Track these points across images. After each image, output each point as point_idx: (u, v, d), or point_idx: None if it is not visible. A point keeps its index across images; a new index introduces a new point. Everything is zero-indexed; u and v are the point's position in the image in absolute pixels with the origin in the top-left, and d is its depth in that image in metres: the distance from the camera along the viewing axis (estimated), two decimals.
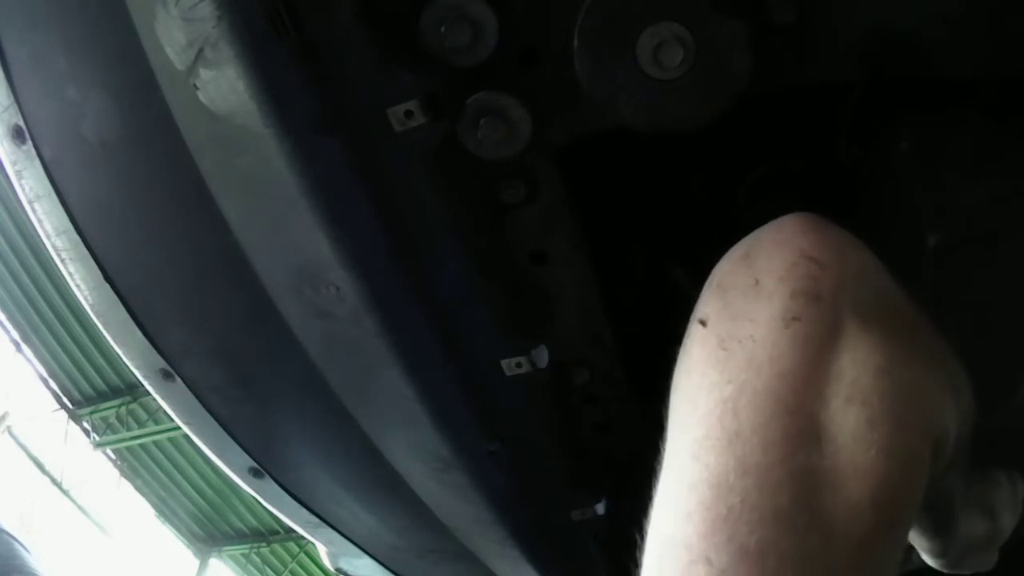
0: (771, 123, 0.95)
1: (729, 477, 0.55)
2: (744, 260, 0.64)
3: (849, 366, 0.57)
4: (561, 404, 1.03)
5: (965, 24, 0.72)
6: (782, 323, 0.58)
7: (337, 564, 1.41)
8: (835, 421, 0.56)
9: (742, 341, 0.59)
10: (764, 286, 0.61)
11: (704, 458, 0.56)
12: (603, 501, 1.16)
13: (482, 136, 0.77)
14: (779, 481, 0.54)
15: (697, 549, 0.54)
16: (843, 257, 0.61)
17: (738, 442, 0.56)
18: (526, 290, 0.90)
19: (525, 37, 0.73)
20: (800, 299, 0.59)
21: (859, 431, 0.55)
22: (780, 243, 0.63)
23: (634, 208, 1.06)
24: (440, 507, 1.15)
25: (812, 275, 0.60)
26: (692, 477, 0.56)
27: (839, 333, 0.58)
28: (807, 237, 0.62)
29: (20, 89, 0.83)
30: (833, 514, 0.54)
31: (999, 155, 0.87)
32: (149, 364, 1.03)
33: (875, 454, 0.55)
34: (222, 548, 13.28)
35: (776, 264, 0.61)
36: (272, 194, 0.78)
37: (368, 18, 0.72)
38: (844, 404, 0.56)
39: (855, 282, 0.60)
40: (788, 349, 0.57)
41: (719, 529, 0.53)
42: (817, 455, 0.55)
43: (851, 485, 0.54)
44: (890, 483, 0.55)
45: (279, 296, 0.88)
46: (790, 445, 0.55)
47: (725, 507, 0.54)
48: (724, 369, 0.59)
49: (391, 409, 0.98)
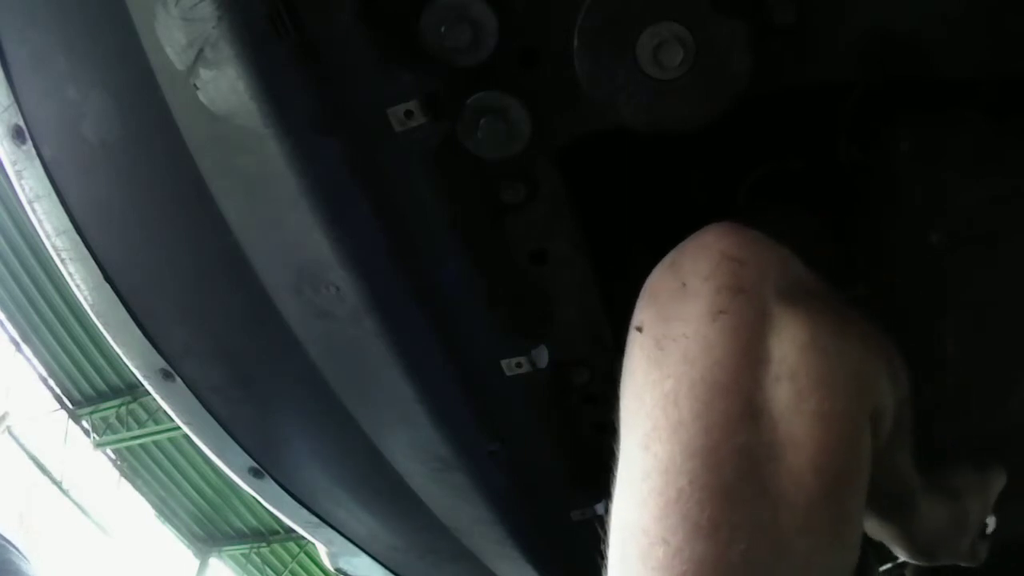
0: (771, 123, 0.95)
1: (677, 461, 0.58)
2: (671, 267, 0.69)
3: (776, 346, 0.61)
4: (561, 404, 1.03)
5: (965, 24, 0.72)
6: (710, 317, 0.62)
7: (337, 564, 1.41)
8: (769, 398, 0.59)
9: (676, 339, 0.63)
10: (691, 287, 0.65)
11: (653, 448, 0.60)
12: (603, 501, 1.16)
13: (482, 136, 0.77)
14: (723, 459, 0.58)
15: (654, 532, 0.57)
16: (760, 253, 0.65)
17: (682, 429, 0.59)
18: (526, 290, 0.90)
19: (525, 37, 0.73)
20: (724, 294, 0.63)
21: (791, 404, 0.59)
22: (702, 247, 0.67)
23: (634, 208, 1.06)
24: (440, 507, 1.15)
25: (733, 271, 0.64)
26: (644, 466, 0.60)
27: (764, 319, 0.62)
28: (726, 240, 0.66)
29: (20, 89, 0.83)
30: (778, 484, 0.57)
31: (999, 155, 0.87)
32: (149, 364, 1.03)
33: (809, 423, 0.58)
34: (222, 548, 13.29)
35: (700, 266, 0.66)
36: (272, 194, 0.78)
37: (368, 18, 0.72)
38: (774, 381, 0.60)
39: (775, 273, 0.64)
40: (718, 339, 0.61)
41: (672, 511, 0.57)
42: (755, 431, 0.59)
43: (790, 455, 0.58)
44: (827, 448, 0.58)
45: (279, 296, 0.88)
46: (730, 425, 0.59)
47: (675, 490, 0.58)
48: (663, 366, 0.63)
49: (391, 409, 0.98)
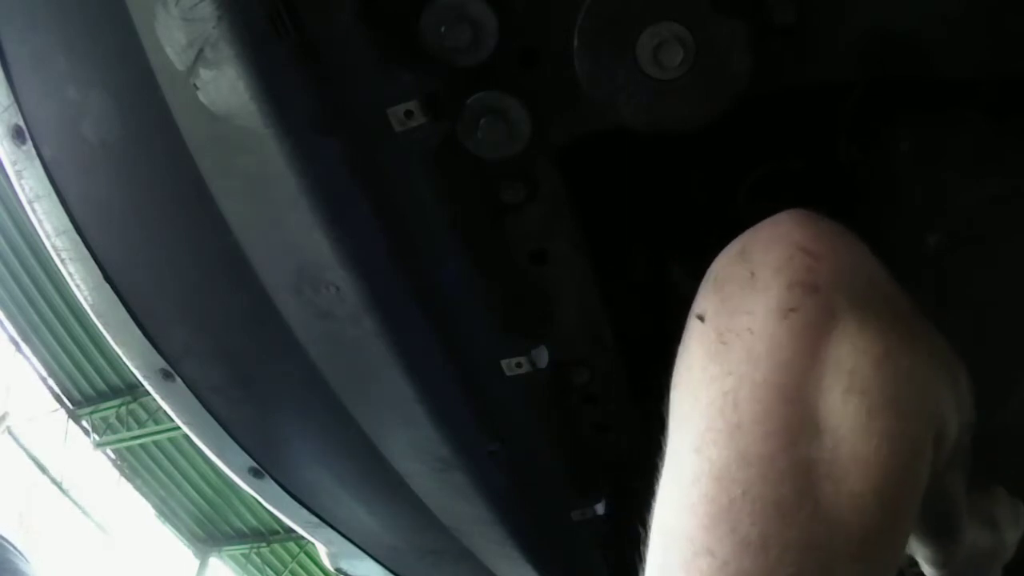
0: (771, 123, 0.95)
1: (731, 469, 0.54)
2: (740, 255, 0.64)
3: (848, 355, 0.56)
4: (561, 404, 1.03)
5: (965, 24, 0.72)
6: (779, 314, 0.58)
7: (337, 564, 1.41)
8: (835, 411, 0.55)
9: (740, 334, 0.59)
10: (760, 279, 0.60)
11: (706, 451, 0.56)
12: (603, 501, 1.16)
13: (482, 136, 0.77)
14: (781, 472, 0.54)
15: (700, 541, 0.54)
16: (838, 249, 0.61)
17: (739, 434, 0.55)
18: (526, 290, 0.90)
19: (525, 37, 0.73)
20: (796, 290, 0.58)
21: (860, 421, 0.55)
22: (775, 237, 0.63)
23: (634, 208, 1.06)
24: (440, 507, 1.15)
25: (808, 267, 0.59)
26: (695, 470, 0.56)
27: (836, 323, 0.58)
28: (802, 231, 0.62)
29: (20, 89, 0.83)
30: (836, 505, 0.53)
31: (999, 155, 0.87)
32: (149, 364, 1.03)
33: (877, 444, 0.54)
34: (222, 548, 13.28)
35: (772, 257, 0.61)
36: (272, 194, 0.78)
37: (368, 18, 0.72)
38: (844, 394, 0.55)
39: (850, 273, 0.60)
40: (786, 340, 0.57)
41: (722, 521, 0.53)
42: (818, 446, 0.54)
43: (853, 476, 0.54)
44: (893, 474, 0.54)
45: (279, 296, 0.88)
46: (791, 435, 0.55)
47: (727, 499, 0.54)
48: (723, 362, 0.59)
49: (391, 409, 0.98)
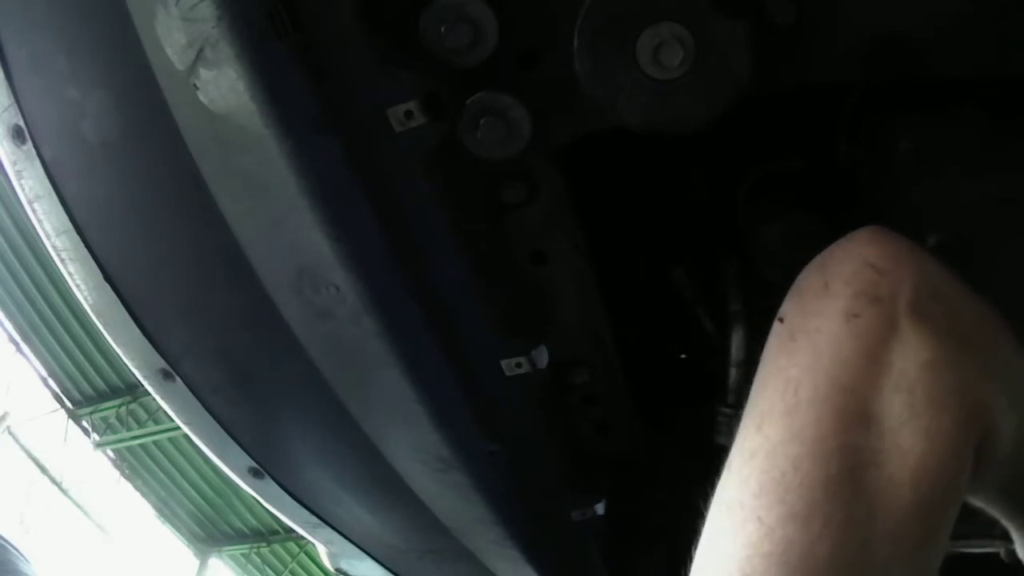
0: (771, 123, 0.95)
1: (785, 445, 0.62)
2: (819, 267, 0.72)
3: (900, 359, 0.64)
4: (561, 404, 1.03)
5: (965, 24, 0.72)
6: (844, 318, 0.66)
7: (337, 564, 1.41)
8: (884, 406, 0.63)
9: (809, 333, 0.67)
10: (832, 288, 0.69)
11: (765, 429, 0.65)
12: (603, 501, 1.16)
13: (482, 136, 0.77)
14: (829, 452, 0.61)
15: (750, 507, 0.61)
16: (903, 266, 0.69)
17: (795, 414, 0.63)
18: (526, 290, 0.90)
19: (525, 37, 0.73)
20: (862, 299, 0.66)
21: (903, 416, 0.62)
22: (849, 253, 0.71)
23: (634, 208, 1.06)
24: (440, 507, 1.15)
25: (873, 281, 0.67)
26: (753, 445, 0.65)
27: (895, 330, 0.65)
28: (872, 248, 0.70)
29: (20, 89, 0.83)
30: (876, 489, 0.61)
31: (999, 155, 0.87)
32: (149, 364, 1.02)
33: (916, 437, 0.62)
34: (222, 548, 13.28)
35: (843, 269, 0.69)
36: (272, 194, 0.78)
37: (368, 18, 0.72)
38: (891, 392, 0.63)
39: (910, 286, 0.67)
40: (848, 340, 0.65)
41: (771, 492, 0.61)
42: (865, 435, 0.62)
43: (893, 464, 0.61)
44: (928, 465, 0.61)
45: (279, 296, 0.88)
46: (842, 422, 0.62)
47: (779, 471, 0.61)
48: (792, 355, 0.67)
49: (391, 409, 0.98)
